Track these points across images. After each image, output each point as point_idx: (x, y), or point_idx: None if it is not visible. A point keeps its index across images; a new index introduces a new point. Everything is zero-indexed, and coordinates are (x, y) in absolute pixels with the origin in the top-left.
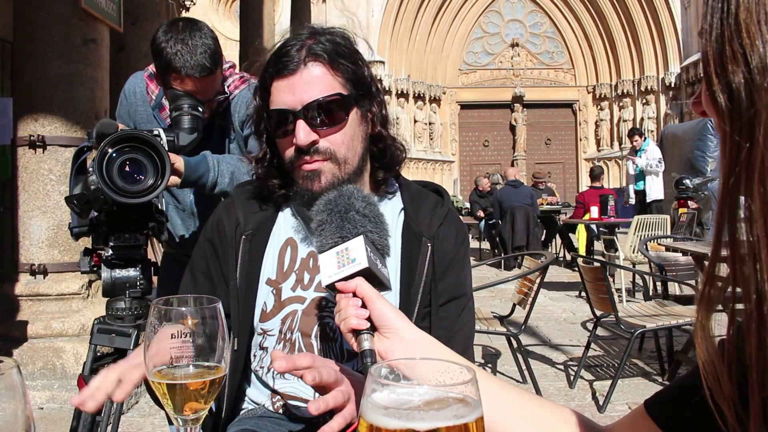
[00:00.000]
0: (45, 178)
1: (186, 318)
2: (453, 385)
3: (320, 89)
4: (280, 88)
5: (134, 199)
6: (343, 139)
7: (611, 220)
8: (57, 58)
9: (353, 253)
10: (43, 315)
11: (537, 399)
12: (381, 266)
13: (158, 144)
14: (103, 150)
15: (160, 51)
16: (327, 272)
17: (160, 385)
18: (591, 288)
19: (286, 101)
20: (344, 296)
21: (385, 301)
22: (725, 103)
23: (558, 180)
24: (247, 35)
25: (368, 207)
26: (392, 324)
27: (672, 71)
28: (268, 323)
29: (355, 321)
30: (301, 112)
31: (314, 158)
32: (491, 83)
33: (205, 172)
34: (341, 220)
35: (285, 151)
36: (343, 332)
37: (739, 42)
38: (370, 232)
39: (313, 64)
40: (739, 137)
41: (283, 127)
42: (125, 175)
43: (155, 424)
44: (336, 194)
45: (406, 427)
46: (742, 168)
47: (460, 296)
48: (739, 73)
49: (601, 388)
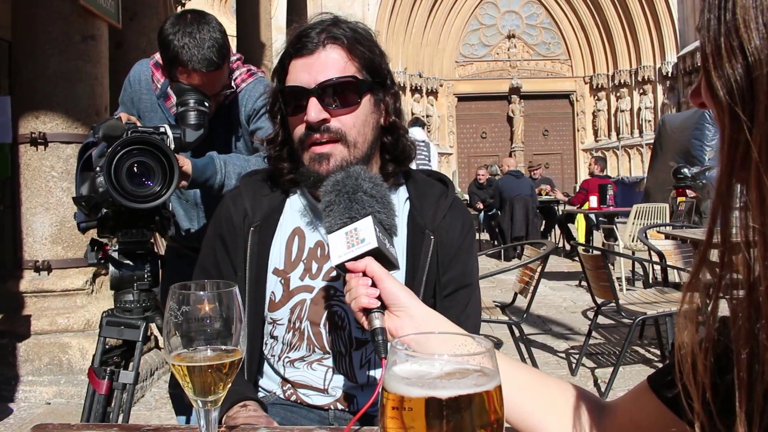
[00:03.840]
0: (47, 175)
1: (203, 302)
2: (471, 355)
3: (336, 70)
4: (298, 67)
5: (141, 204)
6: (354, 122)
7: (610, 209)
8: (56, 55)
9: (362, 233)
10: (48, 311)
11: (542, 375)
12: (389, 246)
13: (167, 149)
14: (113, 154)
15: (167, 43)
16: (336, 252)
17: (180, 368)
18: (592, 276)
19: (301, 79)
20: (354, 276)
21: (394, 279)
22: (725, 97)
23: (556, 171)
24: (244, 30)
25: (375, 187)
26: (402, 302)
27: (669, 61)
28: (276, 312)
29: (366, 300)
30: (314, 90)
31: (324, 137)
32: (488, 75)
33: (212, 174)
34: (349, 201)
35: (296, 128)
36: (354, 311)
37: (736, 36)
38: (378, 212)
39: (332, 47)
40: (738, 130)
41: (296, 105)
42: (133, 176)
43: (162, 417)
44: (343, 175)
45: (429, 395)
46: (740, 159)
47: (466, 285)
48: (738, 66)
49: (602, 375)
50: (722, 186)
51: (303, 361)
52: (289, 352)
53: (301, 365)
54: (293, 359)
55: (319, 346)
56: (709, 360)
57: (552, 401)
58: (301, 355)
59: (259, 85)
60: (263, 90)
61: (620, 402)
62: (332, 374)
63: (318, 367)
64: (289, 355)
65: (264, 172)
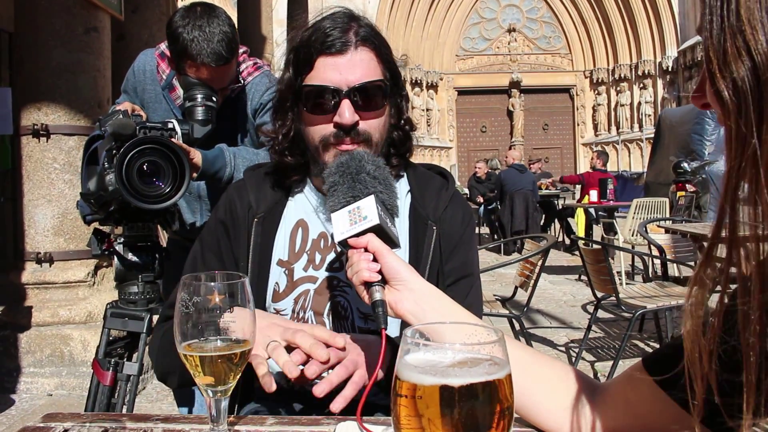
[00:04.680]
0: (49, 167)
1: (213, 293)
2: (482, 344)
3: (367, 73)
4: (327, 65)
5: (152, 204)
6: (379, 125)
7: (610, 204)
8: (59, 46)
9: (365, 211)
10: (49, 303)
11: (539, 355)
12: (391, 224)
13: (179, 150)
14: (125, 154)
15: (176, 36)
16: (339, 229)
17: (192, 358)
18: (592, 270)
19: (331, 79)
20: (356, 251)
21: (395, 255)
22: (731, 98)
23: (556, 165)
24: (245, 23)
25: (378, 169)
26: (402, 276)
27: (669, 55)
28: (280, 303)
29: (367, 273)
30: (349, 92)
31: (354, 139)
32: (488, 69)
33: (222, 166)
34: (353, 181)
35: (318, 127)
36: (355, 285)
37: (742, 37)
38: (380, 192)
39: (363, 48)
40: (745, 130)
41: (322, 104)
42: (143, 175)
43: (163, 409)
44: (348, 157)
45: (442, 383)
46: (748, 160)
47: (467, 276)
48: (744, 68)
49: (602, 368)
50: (729, 184)
51: None
52: None
53: None
54: None
55: None
56: (714, 356)
57: (548, 380)
58: None
59: (266, 78)
60: (269, 84)
61: (615, 382)
62: None
63: None
64: None
65: (269, 165)
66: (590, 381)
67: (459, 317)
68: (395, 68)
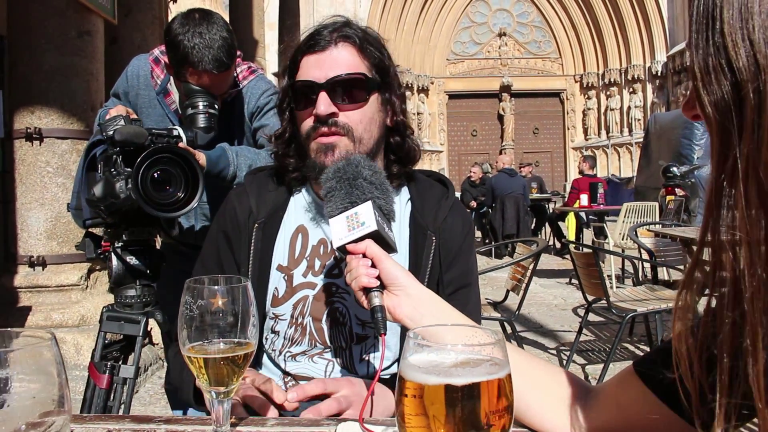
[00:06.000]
0: (42, 170)
1: (216, 296)
2: (483, 345)
3: (346, 67)
4: (309, 63)
5: (168, 213)
6: (361, 119)
7: (600, 208)
8: (52, 50)
9: (362, 216)
10: (42, 306)
11: (535, 359)
12: (388, 230)
13: (194, 160)
14: (140, 164)
15: (176, 44)
16: (338, 235)
17: (197, 360)
18: (583, 273)
19: (312, 75)
20: (355, 257)
21: (393, 260)
22: (713, 112)
23: (546, 169)
24: (236, 26)
25: (375, 175)
26: (400, 281)
27: (658, 60)
28: (279, 308)
29: (366, 279)
30: (325, 85)
31: (331, 130)
32: (479, 73)
33: (225, 166)
34: (350, 187)
35: (304, 122)
36: (354, 290)
37: (724, 54)
38: (377, 198)
39: (343, 45)
40: (727, 143)
41: (306, 99)
42: (155, 183)
43: (156, 412)
44: (344, 163)
45: (445, 382)
46: (729, 169)
47: (467, 285)
48: (726, 83)
49: (593, 371)
50: (713, 191)
51: (304, 355)
52: (291, 346)
53: (303, 359)
54: (295, 353)
55: (320, 340)
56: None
57: (541, 382)
58: (302, 350)
59: (261, 82)
60: (265, 87)
61: (607, 385)
62: (333, 367)
63: (319, 360)
64: (291, 349)
65: (269, 169)
66: (583, 384)
67: (457, 321)
68: (385, 66)
